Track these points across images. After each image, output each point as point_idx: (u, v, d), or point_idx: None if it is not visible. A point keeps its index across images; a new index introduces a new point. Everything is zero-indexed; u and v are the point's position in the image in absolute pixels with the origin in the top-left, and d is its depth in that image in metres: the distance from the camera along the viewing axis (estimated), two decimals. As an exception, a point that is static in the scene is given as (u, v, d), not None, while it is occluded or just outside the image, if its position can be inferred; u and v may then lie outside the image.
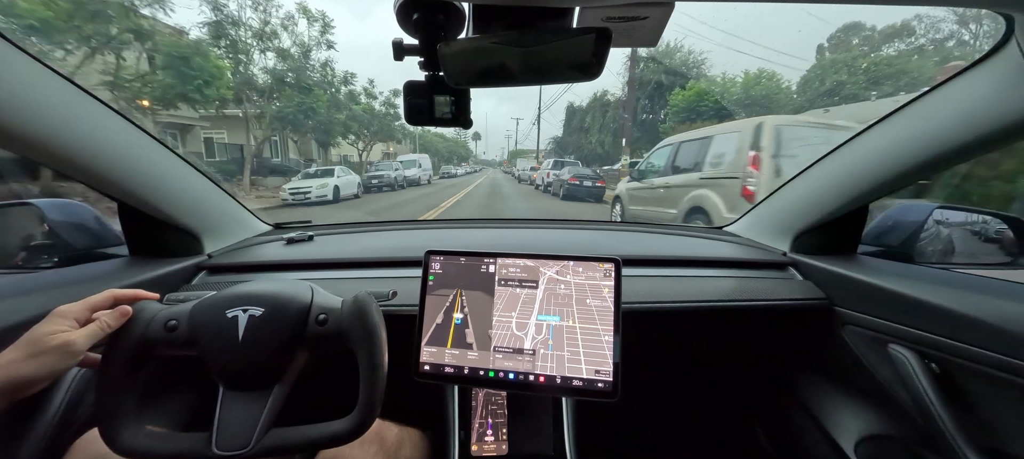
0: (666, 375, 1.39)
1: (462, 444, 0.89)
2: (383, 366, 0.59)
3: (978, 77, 0.70)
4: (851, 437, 0.96)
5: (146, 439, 0.54)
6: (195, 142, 18.13)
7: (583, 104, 32.73)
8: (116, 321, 0.55)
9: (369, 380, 0.57)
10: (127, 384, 0.56)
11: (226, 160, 18.26)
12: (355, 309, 0.60)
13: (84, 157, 0.79)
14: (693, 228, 1.46)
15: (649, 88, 23.47)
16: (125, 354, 0.55)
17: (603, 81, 30.28)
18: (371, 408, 0.57)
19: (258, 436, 0.54)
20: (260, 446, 0.54)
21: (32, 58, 0.68)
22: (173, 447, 0.54)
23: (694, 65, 25.44)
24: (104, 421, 0.53)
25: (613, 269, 0.77)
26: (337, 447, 0.62)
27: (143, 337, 0.56)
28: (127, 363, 0.55)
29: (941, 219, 1.16)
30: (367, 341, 0.58)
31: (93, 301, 0.56)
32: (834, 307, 0.97)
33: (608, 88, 30.56)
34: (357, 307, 0.60)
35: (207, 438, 0.54)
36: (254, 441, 0.53)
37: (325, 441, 0.56)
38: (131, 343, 0.56)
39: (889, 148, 0.87)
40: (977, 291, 0.77)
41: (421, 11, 0.50)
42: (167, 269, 0.95)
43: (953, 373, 0.77)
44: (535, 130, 48.52)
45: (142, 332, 0.56)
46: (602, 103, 29.16)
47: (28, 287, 0.77)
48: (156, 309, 0.59)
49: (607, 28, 0.48)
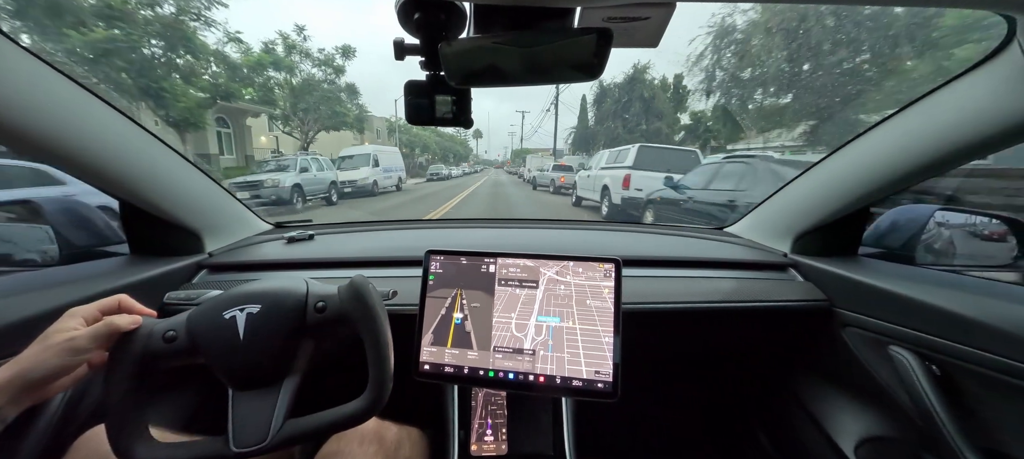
0: (666, 376, 1.39)
1: (462, 444, 0.89)
2: (389, 343, 0.59)
3: (979, 78, 0.70)
4: (851, 439, 0.96)
5: (162, 450, 0.54)
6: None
7: (617, 79, 24.58)
8: (127, 324, 0.55)
9: (376, 357, 0.58)
10: (134, 399, 0.55)
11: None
12: (352, 291, 0.60)
13: (87, 156, 0.79)
14: (693, 228, 1.46)
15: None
16: (129, 370, 0.55)
17: (650, 52, 25.52)
18: (382, 385, 0.57)
19: (275, 428, 0.54)
20: (278, 437, 0.54)
21: (34, 56, 0.68)
22: (190, 454, 0.54)
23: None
24: (117, 438, 0.53)
25: (613, 269, 0.77)
26: (345, 433, 0.62)
27: (145, 351, 0.56)
28: (132, 379, 0.55)
29: (942, 221, 1.16)
30: (369, 319, 0.59)
31: (104, 304, 0.57)
32: (834, 308, 0.97)
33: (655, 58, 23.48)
34: (354, 289, 0.60)
35: (223, 439, 0.54)
36: (272, 433, 0.54)
37: (341, 423, 0.56)
38: (133, 359, 0.55)
39: (890, 150, 0.87)
40: (978, 293, 0.76)
41: (422, 10, 0.50)
42: (168, 267, 0.95)
43: (954, 375, 0.76)
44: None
45: (143, 347, 0.56)
46: (653, 82, 22.30)
47: (29, 285, 0.77)
48: (152, 323, 0.58)
49: (608, 29, 0.48)
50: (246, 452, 0.53)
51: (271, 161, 12.14)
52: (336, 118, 17.92)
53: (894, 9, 7.45)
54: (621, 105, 24.09)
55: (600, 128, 25.38)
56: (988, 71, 0.68)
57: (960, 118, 0.73)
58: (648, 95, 23.20)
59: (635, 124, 23.31)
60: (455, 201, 13.10)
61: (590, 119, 29.13)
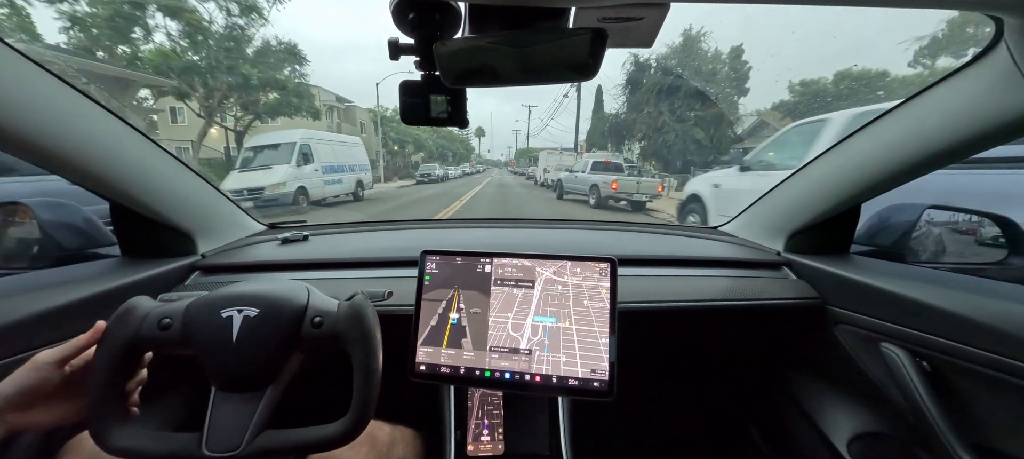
0: (661, 374, 1.40)
1: (458, 444, 0.89)
2: (378, 371, 0.59)
3: (968, 79, 0.71)
4: (844, 435, 0.97)
5: (136, 438, 0.53)
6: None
7: (650, 59, 18.34)
8: (89, 338, 0.56)
9: (363, 384, 0.57)
10: (118, 382, 0.55)
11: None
12: (351, 312, 0.60)
13: (76, 156, 0.78)
14: (688, 227, 1.47)
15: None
16: (116, 350, 0.55)
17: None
18: (364, 412, 0.57)
19: (249, 437, 0.53)
20: (251, 448, 0.53)
21: (22, 56, 0.67)
22: (163, 447, 0.53)
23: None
24: (93, 420, 0.53)
25: (609, 269, 0.78)
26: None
27: (136, 333, 0.56)
28: (118, 360, 0.55)
29: (932, 219, 1.17)
30: (362, 345, 0.58)
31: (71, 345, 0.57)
32: (827, 306, 0.98)
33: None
34: (353, 311, 0.60)
35: (198, 438, 0.53)
36: (245, 442, 0.53)
37: (316, 444, 0.56)
38: (123, 339, 0.55)
39: (881, 149, 0.88)
40: (968, 290, 0.78)
41: (417, 10, 0.50)
42: (160, 269, 0.94)
43: (944, 371, 0.78)
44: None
45: (136, 328, 0.56)
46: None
47: (19, 288, 0.76)
48: (150, 306, 0.59)
49: (603, 29, 0.48)
50: (217, 457, 0.52)
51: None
52: (249, 90, 11.82)
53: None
54: (664, 89, 17.51)
55: (638, 116, 18.41)
56: (977, 71, 0.69)
57: (950, 118, 0.74)
58: (706, 69, 16.84)
59: (684, 111, 16.91)
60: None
61: (615, 108, 22.30)
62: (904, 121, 0.83)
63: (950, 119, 0.74)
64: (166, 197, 0.97)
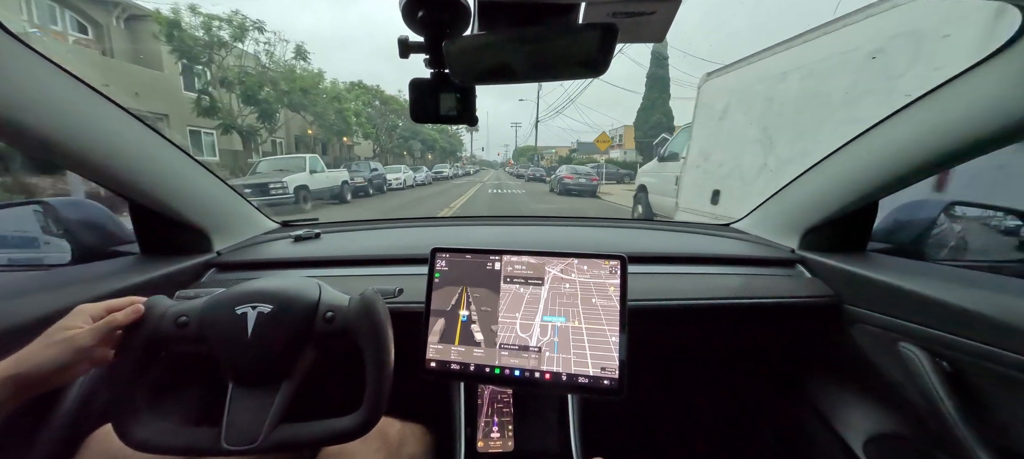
0: (672, 373, 1.38)
1: (468, 441, 0.90)
2: (389, 364, 0.60)
3: (992, 71, 0.68)
4: (860, 436, 0.95)
5: (157, 433, 0.55)
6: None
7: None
8: (126, 318, 0.56)
9: (375, 377, 0.58)
10: (139, 378, 0.57)
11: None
12: (362, 307, 0.61)
13: (98, 157, 0.80)
14: (699, 225, 1.45)
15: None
16: (137, 348, 0.57)
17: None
18: (377, 405, 0.58)
19: (266, 431, 0.55)
20: (268, 441, 0.55)
21: (47, 61, 0.69)
22: (183, 441, 0.55)
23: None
24: (116, 414, 0.55)
25: (619, 266, 0.77)
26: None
27: (155, 332, 0.58)
28: (139, 357, 0.57)
29: (954, 215, 1.14)
30: (374, 339, 0.59)
31: (112, 303, 0.58)
32: (843, 305, 0.96)
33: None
34: (364, 305, 0.61)
35: (216, 433, 0.55)
36: (263, 436, 0.54)
37: (331, 437, 0.57)
38: (143, 338, 0.57)
39: (900, 143, 0.86)
40: (991, 289, 0.75)
41: (426, 8, 0.50)
42: (177, 266, 0.96)
43: (965, 372, 0.75)
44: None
45: (154, 327, 0.58)
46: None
47: (42, 284, 0.78)
48: (167, 305, 0.61)
49: (613, 24, 0.48)
50: (236, 451, 0.54)
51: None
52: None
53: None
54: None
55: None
56: (1001, 63, 0.66)
57: (973, 111, 0.72)
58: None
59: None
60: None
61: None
62: (925, 115, 0.81)
63: (973, 112, 0.71)
64: (184, 197, 1.00)
